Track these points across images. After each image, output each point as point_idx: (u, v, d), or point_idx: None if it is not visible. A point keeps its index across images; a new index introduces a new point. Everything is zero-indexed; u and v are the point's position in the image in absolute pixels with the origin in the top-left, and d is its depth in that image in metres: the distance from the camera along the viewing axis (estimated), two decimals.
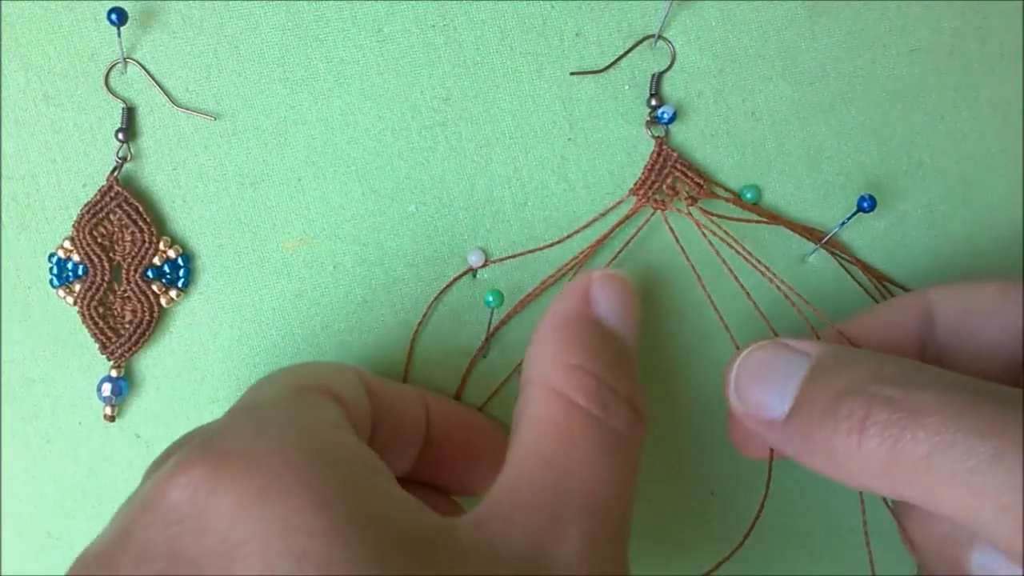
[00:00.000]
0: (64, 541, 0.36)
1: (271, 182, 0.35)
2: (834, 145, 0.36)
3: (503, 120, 0.36)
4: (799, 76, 0.36)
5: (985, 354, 0.31)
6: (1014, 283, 0.31)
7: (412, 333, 0.36)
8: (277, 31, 0.35)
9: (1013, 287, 0.31)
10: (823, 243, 0.36)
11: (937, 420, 0.24)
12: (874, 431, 0.25)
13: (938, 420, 0.24)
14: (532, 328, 0.36)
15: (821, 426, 0.26)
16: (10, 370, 0.35)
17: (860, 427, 0.25)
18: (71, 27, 0.35)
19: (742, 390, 0.30)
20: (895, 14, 0.36)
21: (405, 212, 0.36)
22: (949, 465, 0.24)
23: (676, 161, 0.35)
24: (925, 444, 0.24)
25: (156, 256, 0.35)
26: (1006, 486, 0.23)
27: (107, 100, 0.35)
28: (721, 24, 0.36)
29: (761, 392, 0.29)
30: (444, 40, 0.35)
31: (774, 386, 0.28)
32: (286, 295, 0.36)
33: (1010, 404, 0.24)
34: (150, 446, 0.36)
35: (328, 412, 0.27)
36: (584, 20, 0.36)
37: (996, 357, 0.31)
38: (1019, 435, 0.23)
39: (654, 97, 0.35)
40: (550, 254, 0.36)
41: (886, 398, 0.25)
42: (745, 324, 0.36)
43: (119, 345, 0.35)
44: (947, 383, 0.25)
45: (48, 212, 0.35)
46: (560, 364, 0.28)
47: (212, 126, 0.35)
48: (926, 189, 0.37)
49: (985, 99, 0.37)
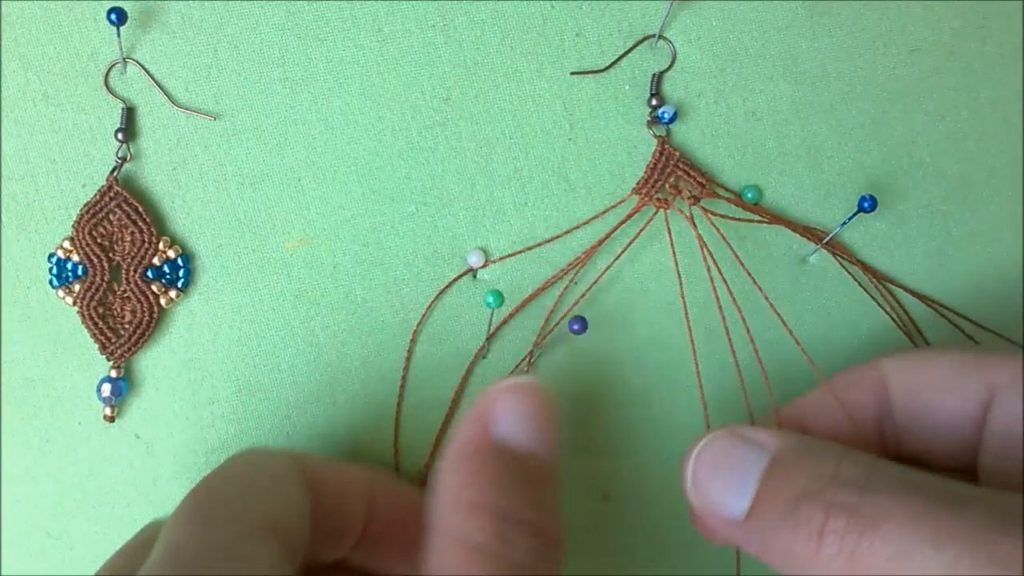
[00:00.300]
0: (64, 541, 0.36)
1: (271, 182, 0.35)
2: (834, 145, 0.36)
3: (503, 120, 0.36)
4: (800, 76, 0.36)
5: (942, 430, 0.31)
6: (968, 356, 0.31)
7: (412, 333, 0.36)
8: (277, 31, 0.35)
9: (966, 360, 0.30)
10: (824, 243, 0.36)
11: (894, 528, 0.24)
12: (832, 539, 0.25)
13: (895, 528, 0.24)
14: (532, 329, 0.36)
15: (780, 529, 0.27)
16: (10, 370, 0.35)
17: (819, 534, 0.25)
18: (71, 27, 0.35)
19: (700, 486, 0.29)
20: (895, 14, 0.36)
21: (405, 212, 0.36)
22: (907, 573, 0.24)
23: (679, 160, 0.35)
24: (882, 553, 0.24)
25: (156, 256, 0.35)
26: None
27: (107, 100, 0.35)
28: (721, 24, 0.36)
29: (719, 490, 0.29)
30: (444, 40, 0.35)
31: (732, 483, 0.28)
32: (286, 295, 0.36)
33: (967, 507, 0.24)
34: (150, 446, 0.36)
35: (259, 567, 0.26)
36: (584, 20, 0.35)
37: (952, 433, 0.30)
38: (975, 542, 0.23)
39: (655, 97, 0.35)
40: (550, 255, 0.36)
41: (842, 504, 0.25)
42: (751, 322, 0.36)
43: (119, 345, 0.35)
44: (904, 486, 0.25)
45: (48, 212, 0.35)
46: (455, 505, 0.27)
47: (212, 126, 0.35)
48: (926, 189, 0.37)
49: (985, 99, 0.37)
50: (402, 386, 0.36)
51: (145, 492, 0.36)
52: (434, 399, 0.36)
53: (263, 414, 0.36)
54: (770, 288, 0.36)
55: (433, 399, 0.36)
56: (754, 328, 0.36)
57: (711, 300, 0.36)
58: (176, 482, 0.36)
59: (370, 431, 0.36)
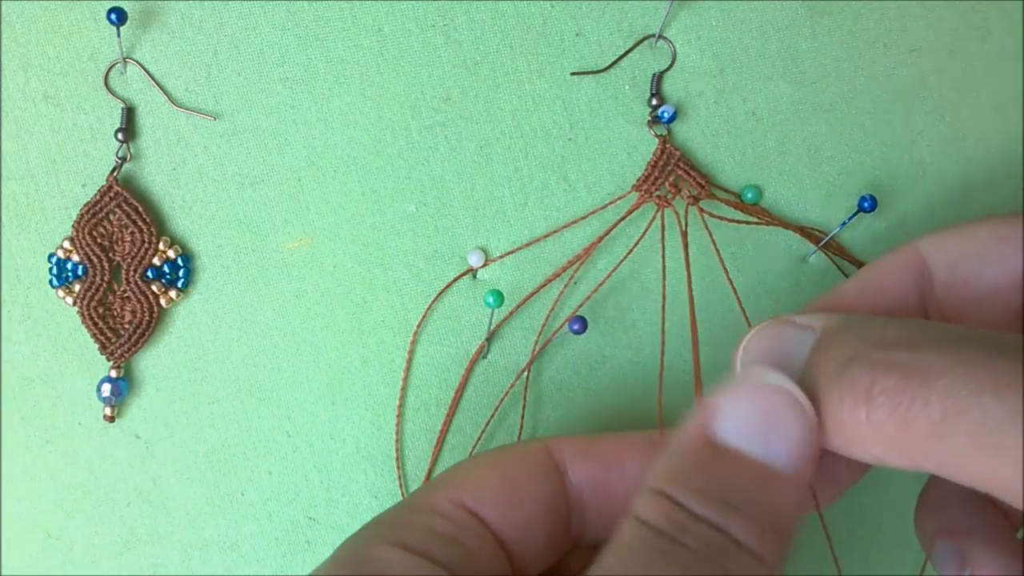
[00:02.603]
0: (64, 541, 0.36)
1: (271, 182, 0.35)
2: (835, 145, 0.36)
3: (503, 120, 0.36)
4: (800, 76, 0.36)
5: (986, 301, 0.29)
6: (1006, 222, 0.29)
7: (412, 333, 0.36)
8: (277, 31, 0.35)
9: (1004, 227, 0.29)
10: (824, 244, 0.36)
11: (948, 382, 0.22)
12: (882, 399, 0.23)
13: (949, 382, 0.22)
14: (532, 329, 0.36)
15: (826, 399, 0.24)
16: (10, 370, 0.35)
17: (866, 396, 0.23)
18: (71, 27, 0.35)
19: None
20: (895, 14, 0.36)
21: (405, 212, 0.36)
22: (965, 430, 0.22)
23: (679, 160, 0.35)
24: (937, 409, 0.22)
25: (156, 256, 0.35)
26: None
27: (107, 100, 0.35)
28: (721, 24, 0.36)
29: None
30: (444, 40, 0.35)
31: (779, 365, 0.27)
32: (286, 295, 0.36)
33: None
34: (150, 446, 0.36)
35: (420, 533, 0.26)
36: (584, 20, 0.35)
37: (997, 304, 0.29)
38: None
39: (655, 97, 0.35)
40: (550, 254, 0.36)
41: (892, 363, 0.23)
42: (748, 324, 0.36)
43: (119, 345, 0.35)
44: (956, 339, 0.23)
45: (48, 212, 0.35)
46: (642, 491, 0.25)
47: (212, 126, 0.35)
48: (926, 189, 0.37)
49: (985, 99, 0.37)
50: (402, 386, 0.36)
51: (145, 492, 0.36)
52: (434, 399, 0.36)
53: (263, 414, 0.36)
54: (770, 288, 0.36)
55: (433, 399, 0.36)
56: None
57: (711, 300, 0.36)
58: (176, 482, 0.36)
59: (370, 431, 0.36)
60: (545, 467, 0.29)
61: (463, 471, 0.29)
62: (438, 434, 0.36)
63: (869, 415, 0.23)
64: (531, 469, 0.29)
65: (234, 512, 0.36)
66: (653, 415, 0.36)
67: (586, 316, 0.35)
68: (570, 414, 0.37)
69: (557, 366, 0.36)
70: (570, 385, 0.37)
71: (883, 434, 0.23)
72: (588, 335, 0.36)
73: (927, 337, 0.24)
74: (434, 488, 0.28)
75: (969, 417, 0.22)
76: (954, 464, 0.22)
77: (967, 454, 0.22)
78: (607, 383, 0.37)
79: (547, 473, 0.29)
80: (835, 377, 0.24)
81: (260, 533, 0.36)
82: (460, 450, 0.36)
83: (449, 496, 0.27)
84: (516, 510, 0.28)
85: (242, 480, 0.36)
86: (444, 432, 0.36)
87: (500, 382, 0.36)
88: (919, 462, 0.23)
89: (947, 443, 0.22)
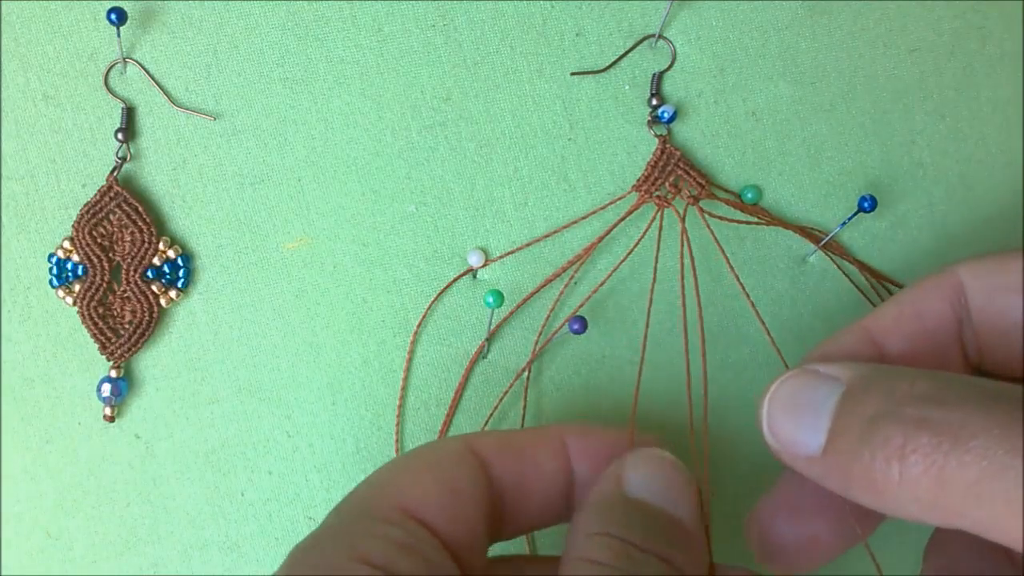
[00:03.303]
0: (64, 541, 0.36)
1: (271, 182, 0.35)
2: (834, 145, 0.36)
3: (503, 120, 0.36)
4: (799, 76, 0.36)
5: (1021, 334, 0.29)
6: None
7: (412, 333, 0.36)
8: (277, 31, 0.35)
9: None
10: (823, 244, 0.36)
11: (983, 443, 0.22)
12: (915, 458, 0.23)
13: (983, 443, 0.22)
14: (532, 329, 0.36)
15: (857, 456, 0.24)
16: (10, 370, 0.35)
17: (899, 455, 0.23)
18: (71, 27, 0.35)
19: (774, 426, 0.28)
20: (895, 14, 0.36)
21: (405, 212, 0.36)
22: (1003, 492, 0.22)
23: (679, 160, 0.35)
24: (973, 470, 0.22)
25: (156, 256, 0.35)
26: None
27: (107, 100, 0.35)
28: (721, 24, 0.36)
29: (794, 427, 0.27)
30: (444, 40, 0.35)
31: (806, 419, 0.27)
32: (286, 295, 0.36)
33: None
34: (150, 446, 0.36)
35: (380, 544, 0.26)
36: (584, 20, 0.35)
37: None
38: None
39: (655, 97, 0.35)
40: (550, 254, 0.36)
41: (924, 420, 0.23)
42: (746, 322, 0.36)
43: (119, 345, 0.35)
44: (986, 396, 0.23)
45: (48, 212, 0.35)
46: (583, 535, 0.26)
47: (212, 126, 0.35)
48: (926, 189, 0.37)
49: (985, 99, 0.37)
50: (402, 386, 0.36)
51: (145, 492, 0.36)
52: (434, 399, 0.36)
53: (263, 414, 0.36)
54: (770, 288, 0.36)
55: (433, 399, 0.36)
56: (755, 327, 0.36)
57: (711, 300, 0.36)
58: (176, 482, 0.36)
59: (370, 431, 0.36)
60: (475, 467, 0.28)
61: (400, 475, 0.28)
62: (438, 434, 0.36)
63: (903, 473, 0.23)
64: (466, 471, 0.28)
65: (234, 512, 0.36)
66: (653, 415, 0.36)
67: (586, 316, 0.35)
68: (570, 414, 0.37)
69: (557, 366, 0.37)
70: (570, 385, 0.37)
71: (918, 493, 0.23)
72: (588, 335, 0.36)
73: (957, 393, 0.24)
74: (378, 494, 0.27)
75: (1005, 479, 0.22)
76: (990, 525, 0.22)
77: (1003, 516, 0.22)
78: (607, 383, 0.37)
79: (478, 473, 0.28)
80: (865, 433, 0.24)
81: (260, 533, 0.36)
82: None
83: (396, 503, 0.27)
84: (459, 514, 0.27)
85: (242, 480, 0.36)
86: (444, 432, 0.36)
87: (500, 382, 0.36)
88: (953, 521, 0.23)
89: (983, 504, 0.22)
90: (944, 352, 0.30)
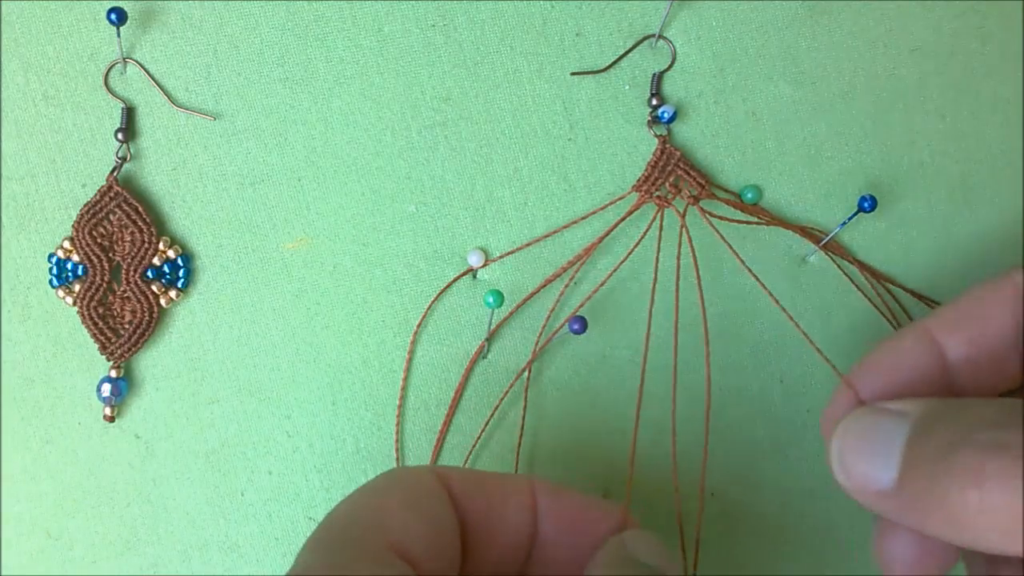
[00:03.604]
0: (64, 541, 0.36)
1: (271, 182, 0.35)
2: (834, 145, 0.36)
3: (503, 120, 0.36)
4: (799, 76, 0.36)
5: None
6: None
7: (412, 333, 0.36)
8: (277, 31, 0.35)
9: None
10: (823, 244, 0.36)
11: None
12: (994, 483, 0.22)
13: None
14: (532, 329, 0.36)
15: (933, 487, 0.24)
16: (10, 370, 0.35)
17: (977, 480, 0.23)
18: (71, 27, 0.35)
19: (846, 465, 0.28)
20: (895, 14, 0.36)
21: (405, 212, 0.36)
22: None
23: (679, 160, 0.35)
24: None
25: (156, 256, 0.35)
26: None
27: (107, 100, 0.35)
28: (721, 24, 0.36)
29: (866, 464, 0.27)
30: (444, 40, 0.35)
31: (877, 456, 0.26)
32: (286, 295, 0.36)
33: None
34: (150, 446, 0.36)
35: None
36: (584, 20, 0.36)
37: None
38: None
39: (655, 97, 0.35)
40: (550, 254, 0.36)
41: (1000, 443, 0.23)
42: (746, 322, 0.36)
43: (119, 345, 0.35)
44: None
45: (48, 212, 0.35)
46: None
47: (212, 126, 0.35)
48: (926, 189, 0.37)
49: (985, 99, 0.37)
50: (402, 386, 0.36)
51: (145, 492, 0.36)
52: (434, 399, 0.36)
53: (263, 414, 0.36)
54: (770, 288, 0.36)
55: (433, 399, 0.36)
56: (755, 328, 0.36)
57: (711, 300, 0.36)
58: (176, 482, 0.36)
59: (370, 431, 0.36)
60: (448, 503, 0.28)
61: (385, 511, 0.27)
62: (438, 434, 0.36)
63: (983, 499, 0.23)
64: (443, 506, 0.28)
65: (234, 512, 0.36)
66: (652, 415, 0.36)
67: (586, 316, 0.35)
68: (570, 414, 0.37)
69: (557, 366, 0.36)
70: (570, 385, 0.37)
71: (999, 519, 0.23)
72: (588, 335, 0.36)
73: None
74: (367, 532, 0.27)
75: None
76: None
77: None
78: (607, 383, 0.37)
79: (451, 509, 0.28)
80: (940, 463, 0.24)
81: (260, 533, 0.36)
82: (460, 450, 0.36)
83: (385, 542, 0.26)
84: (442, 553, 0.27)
85: (242, 480, 0.36)
86: (444, 432, 0.36)
87: (500, 382, 0.36)
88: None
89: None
90: (1004, 357, 0.29)
